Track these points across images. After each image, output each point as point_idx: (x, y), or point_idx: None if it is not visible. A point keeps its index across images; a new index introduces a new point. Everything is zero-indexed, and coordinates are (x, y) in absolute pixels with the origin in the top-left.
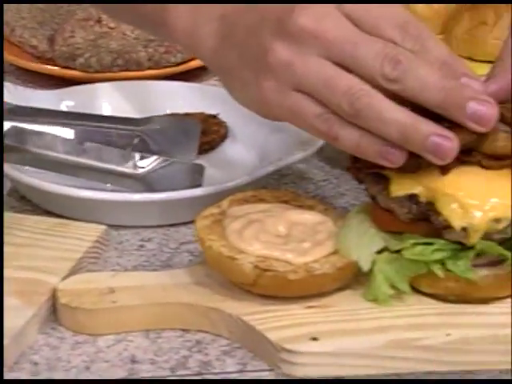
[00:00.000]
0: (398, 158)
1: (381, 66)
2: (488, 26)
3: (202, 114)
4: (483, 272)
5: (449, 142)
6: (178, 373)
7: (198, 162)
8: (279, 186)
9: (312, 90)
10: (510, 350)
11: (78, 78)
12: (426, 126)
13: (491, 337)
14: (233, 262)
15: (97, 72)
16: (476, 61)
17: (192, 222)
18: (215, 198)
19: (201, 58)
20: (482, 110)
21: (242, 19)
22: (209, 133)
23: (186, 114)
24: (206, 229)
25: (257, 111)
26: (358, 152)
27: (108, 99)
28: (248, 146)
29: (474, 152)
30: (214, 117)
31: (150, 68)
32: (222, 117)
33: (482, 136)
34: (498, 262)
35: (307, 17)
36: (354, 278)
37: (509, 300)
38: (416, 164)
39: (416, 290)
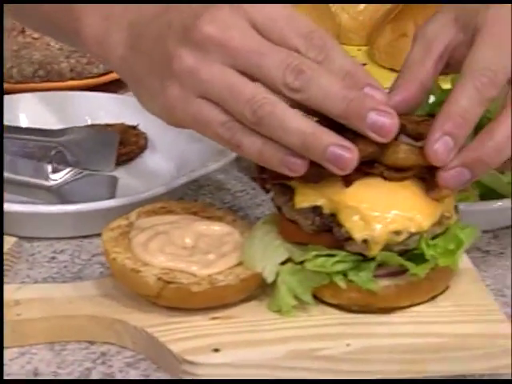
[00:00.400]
0: (299, 167)
1: (283, 75)
2: (408, 38)
3: (122, 124)
4: (384, 282)
5: (348, 153)
6: None
7: (117, 172)
8: (197, 196)
9: (216, 98)
10: (408, 358)
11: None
12: (327, 136)
13: (390, 346)
14: (137, 275)
15: (18, 83)
16: (398, 72)
17: None
18: (129, 208)
19: (111, 67)
20: (382, 121)
21: (149, 27)
22: (128, 144)
23: (107, 125)
24: (112, 241)
25: (164, 119)
26: (260, 160)
27: (28, 110)
28: (167, 156)
29: (377, 163)
30: (134, 128)
31: (72, 79)
32: (143, 128)
33: (383, 148)
34: (399, 272)
35: (212, 25)
36: (261, 289)
37: (411, 309)
38: (318, 174)
39: (320, 300)
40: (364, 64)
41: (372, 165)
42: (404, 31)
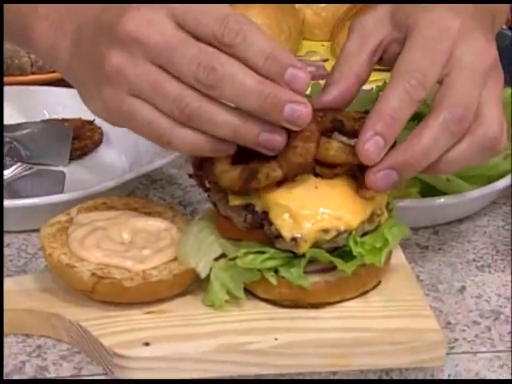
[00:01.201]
0: (230, 150)
1: (195, 72)
2: None
3: (79, 119)
4: (315, 278)
5: (278, 135)
6: (14, 377)
7: (70, 167)
8: (148, 190)
9: (144, 96)
10: (334, 352)
11: None
12: (256, 124)
13: (316, 341)
14: (71, 270)
15: None
16: None
17: None
18: (76, 203)
19: (59, 72)
20: (299, 112)
21: (87, 32)
22: (82, 138)
23: (64, 120)
24: (50, 237)
25: (105, 119)
26: (193, 153)
27: None
28: (120, 151)
29: None
30: (91, 123)
31: (33, 73)
32: (99, 122)
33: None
34: (329, 268)
35: (133, 22)
36: (197, 284)
37: (341, 305)
38: (246, 189)
39: (253, 294)
40: (326, 60)
41: None
42: None
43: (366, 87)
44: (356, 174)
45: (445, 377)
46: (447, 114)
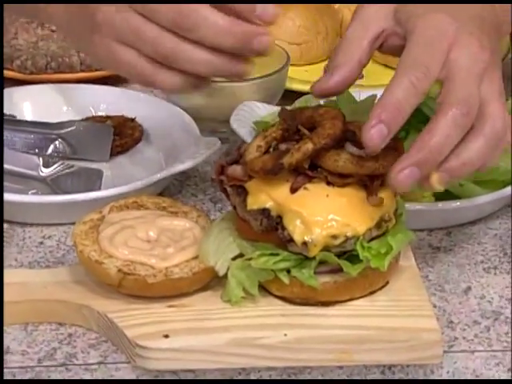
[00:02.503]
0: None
1: (173, 17)
2: None
3: (121, 116)
4: (325, 278)
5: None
6: (44, 363)
7: (110, 163)
8: (182, 187)
9: (128, 41)
10: (337, 348)
11: (15, 78)
12: (228, 58)
13: (322, 337)
14: (100, 266)
15: (32, 74)
16: (390, 68)
17: None
18: (112, 199)
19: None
20: (264, 41)
21: None
22: (124, 136)
23: (107, 117)
24: (82, 234)
25: (100, 65)
26: (175, 91)
27: (34, 101)
28: (159, 149)
29: (320, 169)
30: (132, 120)
31: (82, 71)
32: (140, 119)
33: (325, 155)
34: (338, 269)
35: None
36: (217, 280)
37: (349, 303)
38: (278, 167)
39: (268, 292)
40: None
41: (316, 170)
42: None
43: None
44: (366, 182)
45: (444, 373)
46: (454, 109)
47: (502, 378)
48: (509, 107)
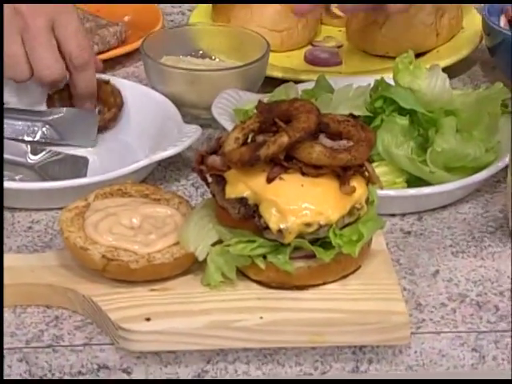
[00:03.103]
0: None
1: None
2: (378, 25)
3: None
4: (299, 264)
5: None
6: (32, 345)
7: (96, 149)
8: (166, 172)
9: None
10: (312, 331)
11: None
12: None
13: (296, 320)
14: (85, 252)
15: None
16: (369, 54)
17: None
18: (97, 185)
19: None
20: None
21: None
22: (109, 105)
23: None
24: (68, 221)
25: None
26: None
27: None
28: (143, 135)
29: (295, 160)
30: (107, 83)
31: None
32: (125, 107)
33: (299, 147)
34: (312, 255)
35: None
36: (198, 264)
37: (323, 287)
38: (255, 158)
39: (246, 276)
40: (341, 45)
41: (291, 161)
42: (375, 18)
43: (363, 80)
44: (339, 173)
45: (412, 353)
46: None
47: (466, 357)
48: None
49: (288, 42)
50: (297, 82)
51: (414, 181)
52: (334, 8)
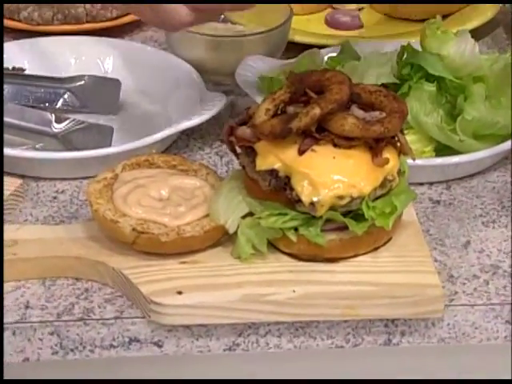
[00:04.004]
0: None
1: None
2: None
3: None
4: (331, 236)
5: None
6: (63, 318)
7: (118, 117)
8: (189, 141)
9: None
10: (344, 304)
11: (22, 29)
12: None
13: (329, 293)
14: (115, 225)
15: (38, 25)
16: (391, 17)
17: None
18: (122, 155)
19: None
20: None
21: None
22: None
23: None
24: (97, 193)
25: None
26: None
27: (41, 53)
28: (166, 103)
29: (327, 132)
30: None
31: (87, 22)
32: (147, 72)
33: (331, 119)
34: (344, 227)
35: None
36: (228, 236)
37: (354, 259)
38: (287, 130)
39: (277, 248)
40: (361, 8)
41: (323, 132)
42: None
43: (388, 46)
44: (372, 144)
45: (444, 325)
46: None
47: (499, 330)
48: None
49: (308, 5)
50: (319, 46)
51: (441, 149)
52: None
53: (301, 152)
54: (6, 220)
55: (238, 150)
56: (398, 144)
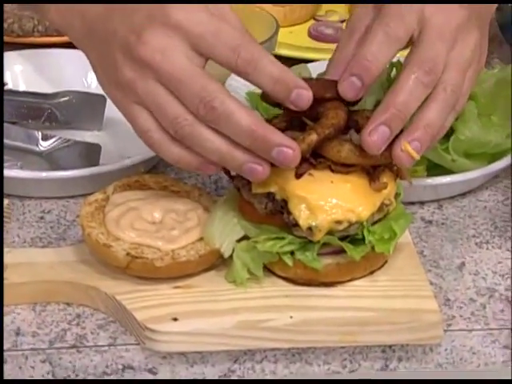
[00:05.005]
0: (213, 170)
1: (197, 108)
2: None
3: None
4: (327, 260)
5: (260, 167)
6: (56, 345)
7: (103, 133)
8: None
9: (149, 109)
10: (342, 330)
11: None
12: (241, 155)
13: (327, 319)
14: (108, 249)
15: (19, 36)
16: None
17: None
18: (109, 175)
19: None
20: (284, 154)
21: (97, 27)
22: None
23: None
24: (89, 216)
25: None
26: (177, 165)
27: (24, 67)
28: None
29: (324, 159)
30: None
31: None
32: None
33: (328, 145)
34: (340, 251)
35: (148, 48)
36: (221, 259)
37: (351, 283)
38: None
39: (272, 272)
40: (344, 20)
41: (321, 158)
42: None
43: None
44: (369, 170)
45: (442, 351)
46: (416, 68)
47: (497, 354)
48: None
49: (291, 17)
50: (305, 60)
51: (432, 167)
52: None
53: (298, 176)
54: None
55: (232, 172)
56: (395, 168)
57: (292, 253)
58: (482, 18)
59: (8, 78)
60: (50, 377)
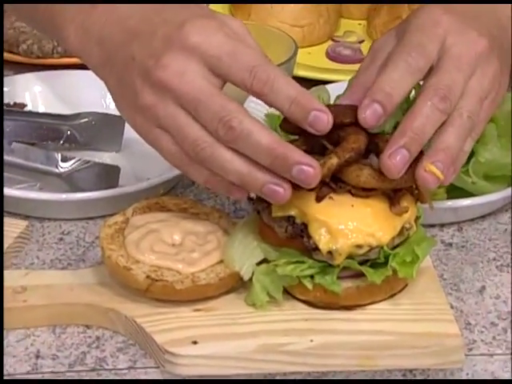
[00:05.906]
0: (242, 194)
1: (216, 128)
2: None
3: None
4: (347, 283)
5: (281, 190)
6: (75, 368)
7: (121, 154)
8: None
9: (170, 132)
10: (363, 354)
11: (22, 62)
12: (262, 175)
13: (348, 343)
14: (128, 272)
15: (38, 58)
16: None
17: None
18: (128, 196)
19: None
20: (305, 173)
21: (117, 53)
22: None
23: None
24: (109, 238)
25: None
26: (206, 185)
27: (43, 88)
28: None
29: (344, 183)
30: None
31: None
32: None
33: (347, 169)
34: (360, 274)
35: (167, 72)
36: (241, 282)
37: (371, 307)
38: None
39: (292, 295)
40: (362, 41)
41: (341, 183)
42: (399, 14)
43: None
44: (390, 193)
45: (463, 376)
46: (432, 94)
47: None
48: None
49: (310, 38)
50: (323, 81)
51: (452, 190)
52: None
53: (319, 199)
54: (13, 263)
55: (252, 194)
56: (416, 191)
57: (312, 276)
58: (504, 48)
59: (27, 99)
60: None
